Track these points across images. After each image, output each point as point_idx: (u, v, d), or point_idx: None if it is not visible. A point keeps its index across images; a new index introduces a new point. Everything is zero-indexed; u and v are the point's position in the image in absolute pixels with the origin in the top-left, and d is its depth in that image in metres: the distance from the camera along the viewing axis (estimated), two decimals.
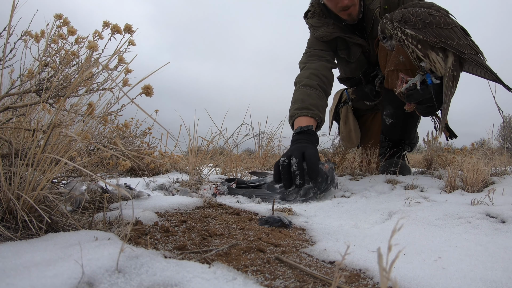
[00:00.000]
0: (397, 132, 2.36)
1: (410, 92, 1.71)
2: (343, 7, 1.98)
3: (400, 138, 2.44)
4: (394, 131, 2.36)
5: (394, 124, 2.27)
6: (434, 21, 1.61)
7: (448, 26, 1.61)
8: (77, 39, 1.27)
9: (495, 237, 0.99)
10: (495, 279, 0.70)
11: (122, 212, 1.08)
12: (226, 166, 2.80)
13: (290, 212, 1.37)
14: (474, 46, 1.65)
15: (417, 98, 1.70)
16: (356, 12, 2.05)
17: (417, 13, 1.63)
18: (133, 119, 2.64)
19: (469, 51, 1.60)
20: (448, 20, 1.65)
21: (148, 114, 1.05)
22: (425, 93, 1.68)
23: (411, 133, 2.48)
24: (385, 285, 0.37)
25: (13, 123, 1.07)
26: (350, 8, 2.00)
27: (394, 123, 2.27)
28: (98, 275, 0.57)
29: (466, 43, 1.61)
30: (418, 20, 1.62)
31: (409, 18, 1.64)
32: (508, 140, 5.68)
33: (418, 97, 1.69)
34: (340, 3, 1.97)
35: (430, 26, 1.60)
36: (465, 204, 1.33)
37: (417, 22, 1.61)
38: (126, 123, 1.71)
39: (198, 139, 2.49)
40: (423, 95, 1.68)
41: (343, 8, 1.99)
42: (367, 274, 0.75)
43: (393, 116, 2.25)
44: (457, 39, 1.59)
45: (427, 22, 1.61)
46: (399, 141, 2.46)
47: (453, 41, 1.58)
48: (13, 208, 0.84)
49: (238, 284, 0.62)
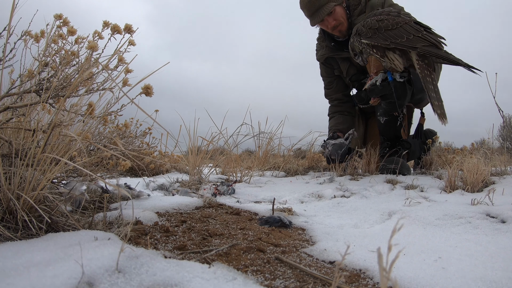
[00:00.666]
0: (391, 129, 2.50)
1: (371, 87, 2.02)
2: (332, 27, 2.44)
3: (396, 135, 2.52)
4: (388, 129, 2.52)
5: (388, 121, 2.45)
6: (382, 26, 1.85)
7: (397, 25, 1.81)
8: (77, 39, 1.27)
9: (495, 237, 0.99)
10: (495, 279, 0.70)
11: (122, 212, 1.08)
12: (226, 166, 2.80)
13: (290, 212, 1.37)
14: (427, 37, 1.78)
15: (377, 93, 2.01)
16: (344, 28, 2.46)
17: (367, 23, 1.91)
18: (133, 119, 2.64)
19: (421, 44, 1.76)
20: (397, 20, 1.84)
21: (148, 114, 1.05)
22: (384, 89, 1.97)
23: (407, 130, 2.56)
24: (385, 285, 0.37)
25: (13, 123, 1.07)
26: (339, 27, 2.44)
27: (387, 120, 2.46)
28: (98, 275, 0.57)
29: (417, 35, 1.77)
30: (368, 29, 1.89)
31: (361, 30, 1.93)
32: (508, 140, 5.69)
33: (378, 92, 2.00)
34: (329, 25, 2.43)
35: (379, 31, 1.85)
36: (465, 204, 1.33)
37: (368, 31, 1.89)
38: (126, 123, 1.71)
39: (198, 139, 2.49)
40: (382, 91, 1.97)
41: (333, 28, 2.44)
42: (367, 274, 0.75)
43: (385, 113, 2.44)
44: (407, 36, 1.77)
45: (376, 28, 1.86)
46: (396, 139, 2.54)
47: (403, 38, 1.77)
48: (13, 208, 0.84)
49: (238, 284, 0.62)
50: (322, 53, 2.73)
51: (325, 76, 2.87)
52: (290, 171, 2.93)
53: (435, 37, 1.80)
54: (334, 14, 2.39)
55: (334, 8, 2.37)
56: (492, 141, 2.79)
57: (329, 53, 2.68)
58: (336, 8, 2.39)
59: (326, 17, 2.39)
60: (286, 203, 1.68)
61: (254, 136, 3.10)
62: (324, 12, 2.35)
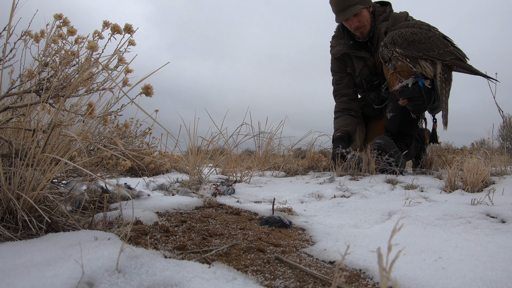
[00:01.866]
0: (396, 124, 2.64)
1: (403, 89, 2.23)
2: (355, 28, 2.60)
3: (399, 130, 2.63)
4: (393, 124, 2.66)
5: (394, 117, 2.62)
6: (416, 39, 2.08)
7: (429, 40, 2.06)
8: (77, 39, 1.27)
9: (495, 237, 0.99)
10: (495, 279, 0.70)
11: (122, 212, 1.08)
12: (226, 166, 2.80)
13: (290, 212, 1.37)
14: (454, 52, 2.04)
15: (407, 94, 2.22)
16: (366, 31, 2.64)
17: (402, 34, 2.12)
18: (133, 119, 2.63)
19: (450, 57, 2.03)
20: (429, 34, 2.08)
21: (148, 114, 1.05)
22: (414, 92, 2.19)
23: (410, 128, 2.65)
24: (385, 285, 0.37)
25: (13, 123, 1.07)
26: (361, 28, 2.60)
27: (393, 116, 2.62)
28: (98, 275, 0.57)
29: (446, 50, 2.03)
30: (403, 40, 2.11)
31: (396, 40, 2.15)
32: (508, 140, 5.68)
33: (409, 93, 2.21)
34: (353, 25, 2.59)
35: (414, 44, 2.08)
36: (465, 204, 1.33)
37: (403, 42, 2.11)
38: (126, 123, 1.71)
39: (198, 139, 2.49)
40: (413, 93, 2.20)
41: (356, 28, 2.60)
42: (367, 274, 0.75)
43: (392, 110, 2.62)
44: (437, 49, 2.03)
45: (411, 40, 2.09)
46: (399, 134, 2.64)
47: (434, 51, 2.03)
48: (13, 208, 0.84)
49: (238, 284, 0.62)
50: (339, 49, 2.85)
51: (337, 72, 2.98)
52: (290, 171, 2.93)
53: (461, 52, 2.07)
54: (359, 16, 2.55)
55: (361, 10, 2.53)
56: (492, 141, 2.79)
57: (346, 50, 2.81)
58: (362, 11, 2.55)
59: (352, 17, 2.54)
60: (286, 203, 1.68)
61: (254, 136, 3.10)
62: (351, 12, 2.50)
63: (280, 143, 3.34)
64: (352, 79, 2.95)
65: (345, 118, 2.87)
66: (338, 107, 2.98)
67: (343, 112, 2.92)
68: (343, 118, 2.87)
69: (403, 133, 2.63)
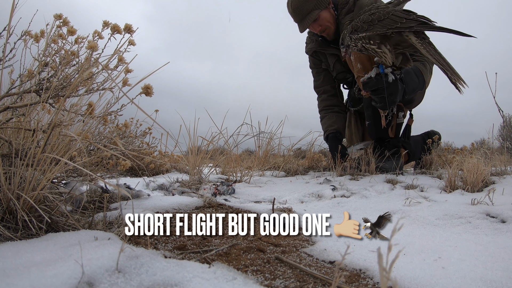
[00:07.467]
0: (373, 132, 2.60)
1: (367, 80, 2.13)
2: (319, 32, 2.57)
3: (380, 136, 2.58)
4: (371, 131, 2.64)
5: (369, 124, 2.58)
6: (375, 18, 1.99)
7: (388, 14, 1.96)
8: (77, 39, 1.27)
9: (495, 237, 0.99)
10: (495, 279, 0.70)
11: (122, 212, 1.08)
12: (226, 166, 2.80)
13: (290, 212, 1.37)
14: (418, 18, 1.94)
15: (371, 86, 2.10)
16: (332, 31, 2.59)
17: (361, 19, 2.05)
18: (133, 119, 2.63)
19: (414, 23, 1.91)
20: (387, 10, 1.98)
21: (147, 114, 1.05)
22: (378, 82, 2.09)
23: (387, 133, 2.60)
24: (385, 285, 0.37)
25: (13, 123, 1.07)
26: (326, 31, 2.57)
27: (369, 124, 2.57)
28: (98, 275, 0.57)
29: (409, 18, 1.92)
30: (363, 23, 2.03)
31: (357, 26, 2.07)
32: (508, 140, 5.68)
33: (372, 85, 2.09)
34: (316, 31, 2.56)
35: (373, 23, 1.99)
36: (465, 204, 1.33)
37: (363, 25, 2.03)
38: (126, 123, 1.71)
39: (198, 139, 2.49)
40: (376, 84, 2.08)
41: (320, 32, 2.57)
42: (367, 274, 0.75)
43: (367, 117, 2.58)
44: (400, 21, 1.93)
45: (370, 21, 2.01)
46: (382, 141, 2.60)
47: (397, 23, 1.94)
48: (13, 208, 0.84)
49: (238, 284, 0.62)
50: (310, 47, 2.88)
51: (313, 68, 3.01)
52: (290, 171, 2.93)
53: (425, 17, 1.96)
54: (319, 20, 2.50)
55: (318, 15, 2.48)
56: (492, 141, 2.79)
57: (317, 47, 2.83)
58: (321, 14, 2.49)
59: (312, 24, 2.51)
60: (286, 203, 1.68)
61: (254, 136, 3.10)
62: (309, 21, 2.48)
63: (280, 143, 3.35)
64: (329, 74, 2.94)
65: (330, 117, 2.90)
66: (320, 105, 3.00)
67: (326, 111, 2.94)
68: (328, 117, 2.90)
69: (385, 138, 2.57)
